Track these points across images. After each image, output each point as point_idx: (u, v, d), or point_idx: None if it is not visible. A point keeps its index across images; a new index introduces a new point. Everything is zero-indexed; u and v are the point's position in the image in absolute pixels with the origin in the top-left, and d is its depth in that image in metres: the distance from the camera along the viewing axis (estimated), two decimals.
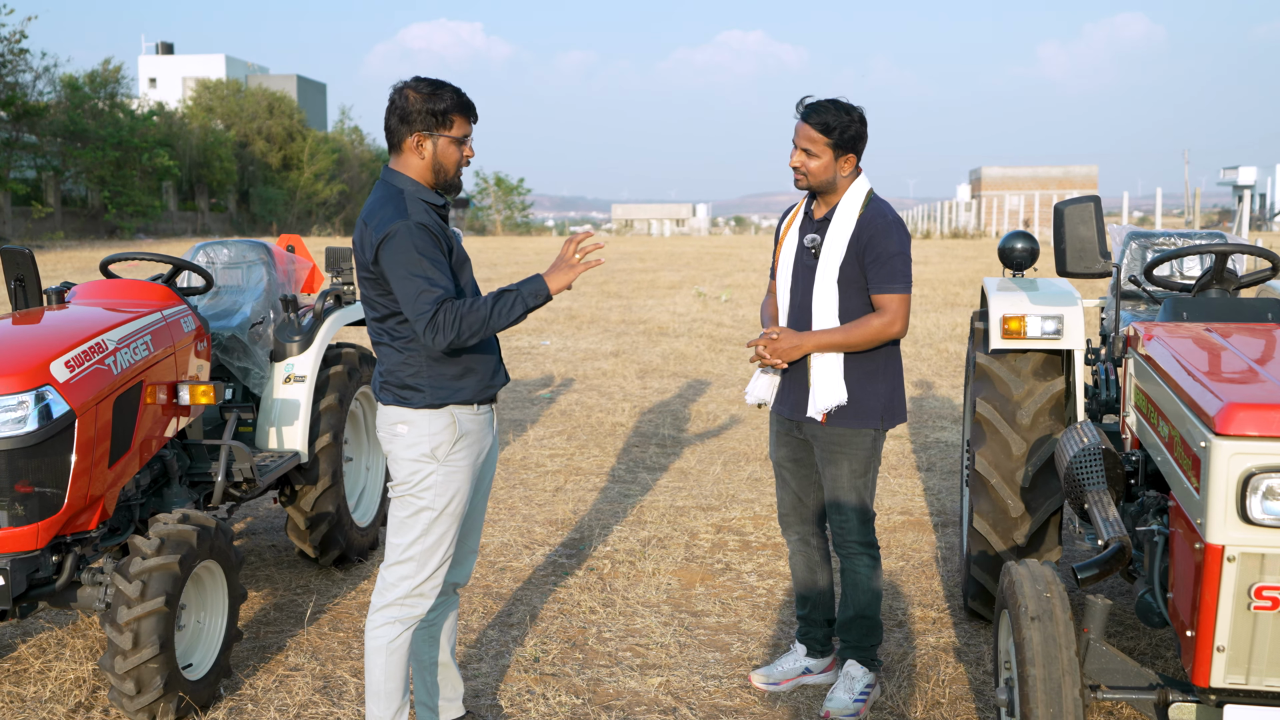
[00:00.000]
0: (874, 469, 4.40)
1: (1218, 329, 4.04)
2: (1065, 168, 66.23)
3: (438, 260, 3.56)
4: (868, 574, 4.45)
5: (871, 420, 4.32)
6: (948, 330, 15.29)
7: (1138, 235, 5.98)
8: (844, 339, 4.23)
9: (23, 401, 4.05)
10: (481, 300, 3.56)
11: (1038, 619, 3.30)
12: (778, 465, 4.61)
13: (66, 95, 47.25)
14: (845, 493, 4.37)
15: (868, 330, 4.21)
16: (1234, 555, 2.98)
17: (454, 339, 3.52)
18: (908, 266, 4.26)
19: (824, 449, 4.37)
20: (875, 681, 4.49)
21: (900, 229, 4.27)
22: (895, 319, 4.21)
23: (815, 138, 4.22)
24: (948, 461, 8.27)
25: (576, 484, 7.71)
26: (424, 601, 3.78)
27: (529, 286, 3.62)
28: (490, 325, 3.55)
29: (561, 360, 13.05)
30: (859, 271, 4.25)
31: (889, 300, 4.21)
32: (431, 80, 3.69)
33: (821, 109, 4.23)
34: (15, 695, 4.53)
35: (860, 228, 4.24)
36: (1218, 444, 2.99)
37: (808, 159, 4.26)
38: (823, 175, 4.26)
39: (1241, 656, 3.05)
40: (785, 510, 4.65)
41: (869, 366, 4.30)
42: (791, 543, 4.67)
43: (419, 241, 3.54)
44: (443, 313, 3.49)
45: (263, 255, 6.00)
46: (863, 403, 4.30)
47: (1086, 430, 4.01)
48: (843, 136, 4.21)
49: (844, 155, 4.25)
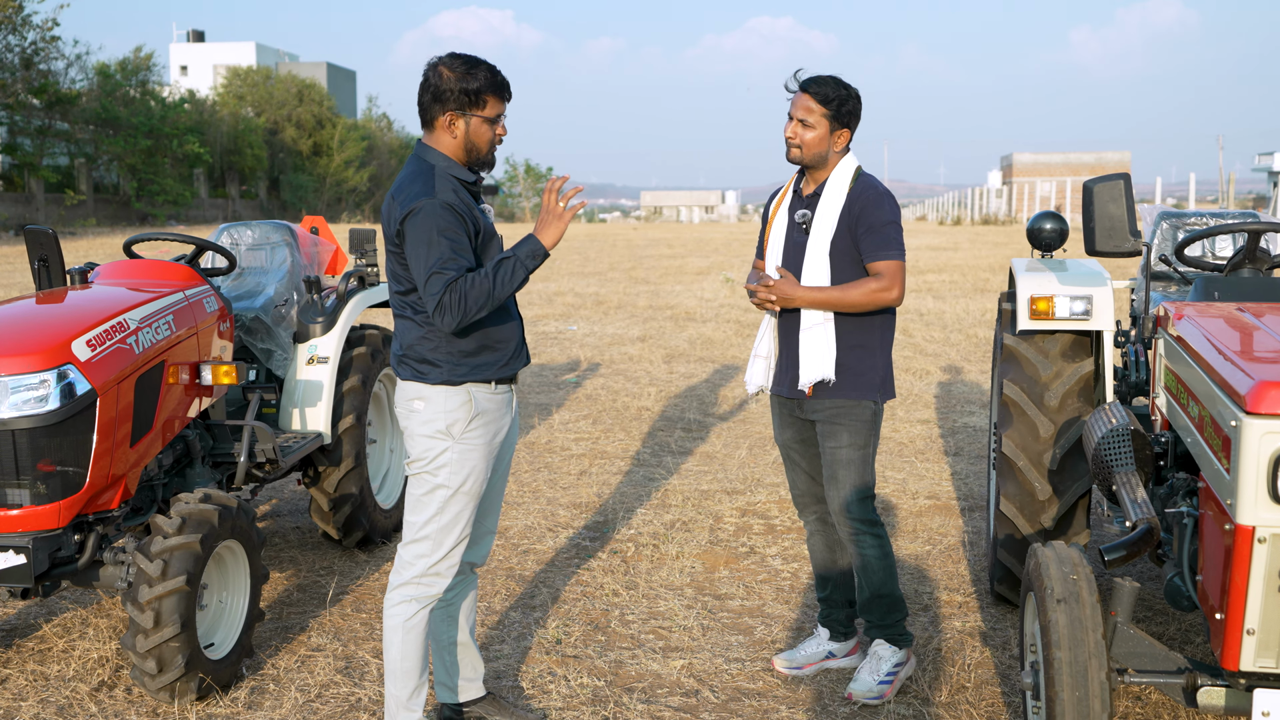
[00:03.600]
0: (873, 443, 4.37)
1: (1250, 309, 3.96)
2: (1097, 153, 65.64)
3: (458, 241, 3.53)
4: (875, 551, 4.39)
5: (870, 392, 4.30)
6: (977, 316, 15.19)
7: (1169, 215, 5.89)
8: (840, 297, 4.19)
9: (44, 380, 4.05)
10: (482, 273, 3.55)
11: (1064, 601, 3.25)
12: (784, 448, 4.57)
13: (98, 83, 47.62)
14: (843, 466, 4.32)
15: (863, 291, 4.17)
16: (1265, 536, 2.92)
17: (461, 317, 3.51)
18: (900, 235, 4.25)
19: (824, 422, 4.34)
20: (907, 659, 4.43)
21: (891, 200, 4.28)
22: (892, 284, 4.18)
23: (813, 108, 4.21)
24: (975, 446, 8.20)
25: (601, 467, 7.69)
26: (440, 581, 3.77)
27: (525, 249, 3.62)
28: (495, 296, 3.55)
29: (588, 345, 13.04)
30: (851, 243, 4.24)
31: (884, 266, 4.19)
32: (466, 58, 3.67)
33: (821, 81, 4.24)
34: (39, 674, 4.55)
35: (851, 200, 4.24)
36: (1249, 423, 2.93)
37: (803, 129, 4.24)
38: (816, 148, 4.25)
39: (1272, 640, 2.99)
40: (799, 492, 4.61)
41: (864, 338, 4.28)
42: (809, 523, 4.63)
43: (441, 221, 3.52)
44: (448, 294, 3.48)
45: (286, 237, 5.99)
46: (861, 375, 4.28)
47: (1115, 411, 3.95)
48: (840, 109, 4.22)
49: (839, 130, 4.25)
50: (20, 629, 5.01)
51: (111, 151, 47.21)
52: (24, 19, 41.55)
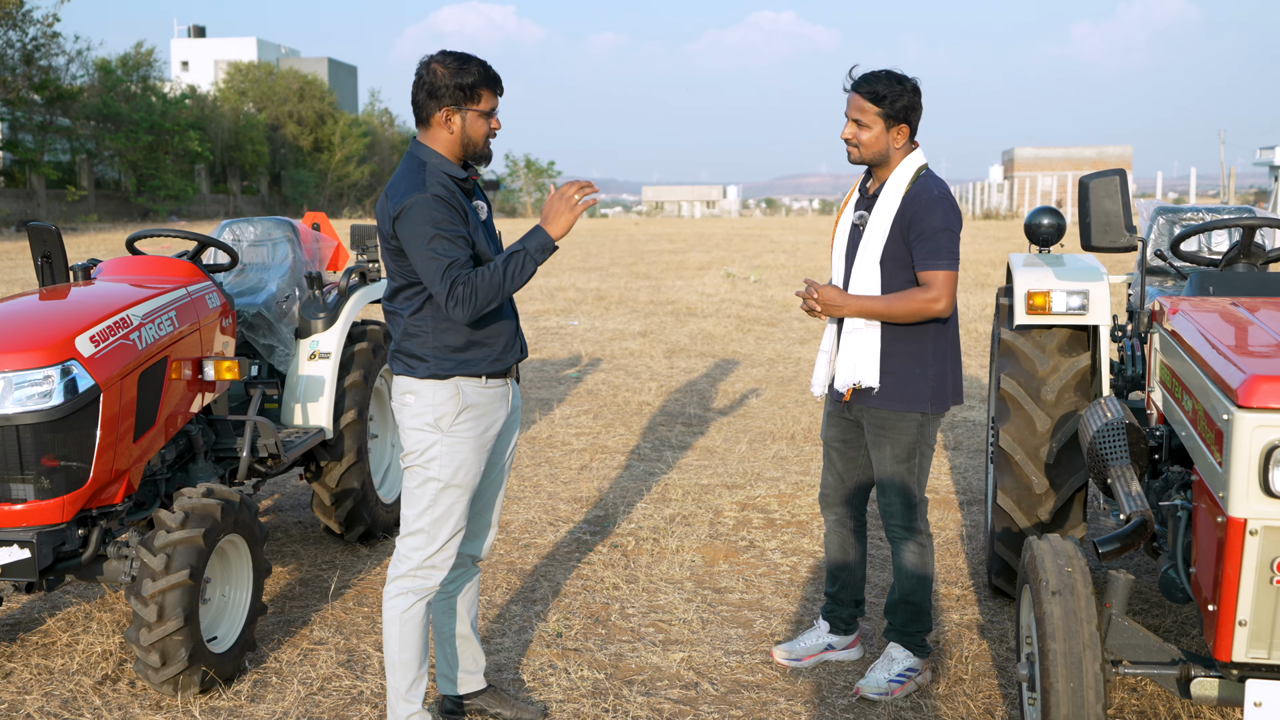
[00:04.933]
0: (921, 454, 4.29)
1: (1244, 303, 3.99)
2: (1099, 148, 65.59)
3: (454, 232, 3.58)
4: (913, 560, 4.37)
5: (918, 404, 4.21)
6: (978, 310, 15.20)
7: (1165, 210, 5.93)
8: (886, 308, 4.11)
9: (48, 376, 4.08)
10: (494, 266, 3.59)
11: (1059, 593, 3.28)
12: (826, 444, 4.56)
13: (99, 79, 47.63)
14: (888, 476, 4.30)
15: (911, 303, 4.09)
16: (1256, 529, 2.95)
17: (473, 308, 3.56)
18: (954, 243, 4.11)
19: (870, 431, 4.31)
20: (920, 669, 4.40)
21: (948, 204, 4.13)
22: (940, 296, 4.07)
23: (866, 107, 4.13)
24: (974, 441, 8.23)
25: (602, 462, 7.72)
26: (436, 573, 3.81)
27: (534, 242, 3.64)
28: (506, 288, 3.59)
29: (589, 340, 13.07)
30: (904, 249, 4.13)
31: (933, 277, 4.08)
32: (457, 54, 3.71)
33: (872, 78, 4.14)
34: (43, 667, 4.59)
35: (905, 204, 4.13)
36: (1240, 416, 2.96)
37: (859, 130, 4.16)
38: (874, 147, 4.16)
39: (1264, 631, 3.02)
40: (827, 490, 4.61)
41: (914, 348, 4.19)
42: (828, 522, 4.65)
43: (434, 214, 3.56)
44: (460, 285, 3.53)
45: (288, 233, 6.02)
46: (908, 385, 4.20)
47: (1110, 405, 3.98)
48: (894, 106, 4.10)
49: (896, 126, 4.14)
50: (24, 623, 5.05)
51: (113, 147, 47.23)
52: (25, 14, 41.57)
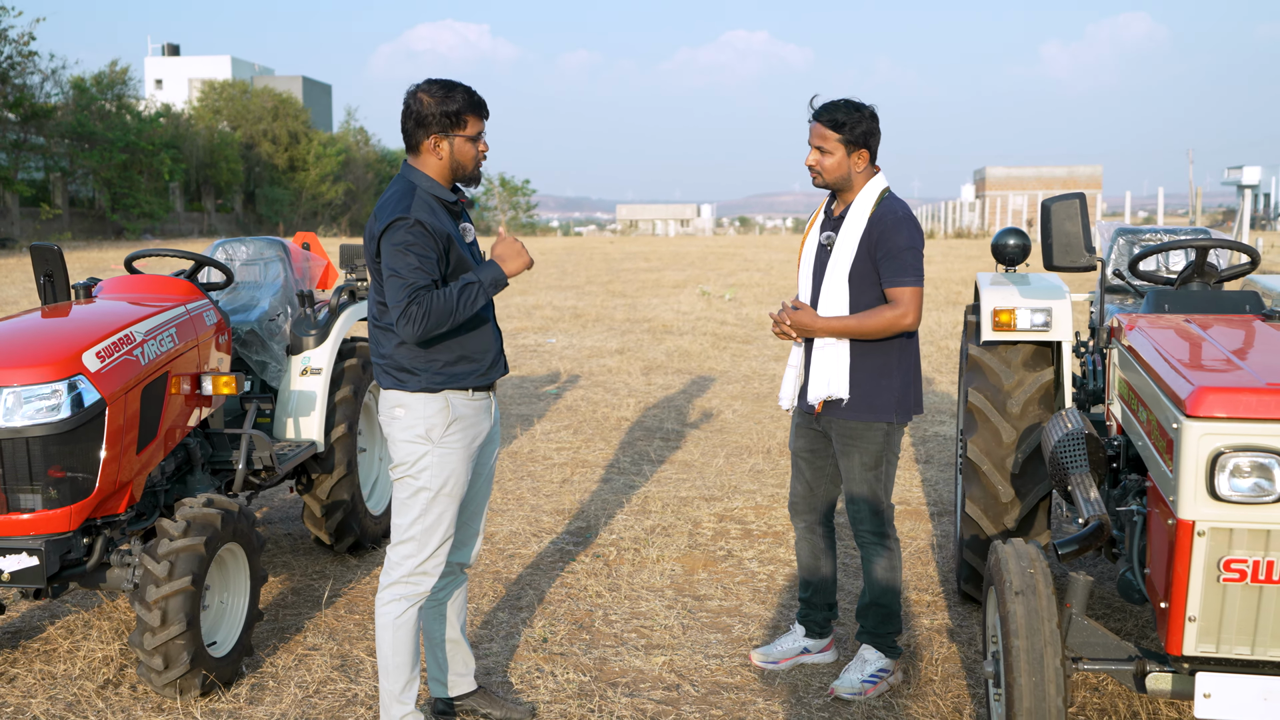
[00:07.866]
0: (887, 462, 4.52)
1: (1197, 320, 4.22)
2: (1069, 167, 66.30)
3: (425, 257, 3.73)
4: (882, 564, 4.59)
5: (884, 414, 4.45)
6: (949, 328, 15.46)
7: (1125, 231, 6.17)
8: (857, 325, 4.35)
9: (56, 390, 4.24)
10: (447, 292, 3.74)
11: (1021, 593, 3.48)
12: (795, 455, 4.78)
13: (74, 97, 47.51)
14: (857, 485, 4.52)
15: (880, 320, 4.33)
16: (1204, 530, 3.16)
17: (423, 329, 3.70)
18: (919, 260, 4.37)
19: (839, 441, 4.53)
20: (892, 669, 4.61)
21: (911, 224, 4.38)
22: (907, 311, 4.31)
23: (827, 134, 4.37)
24: (945, 454, 8.45)
25: (583, 476, 7.90)
26: (427, 580, 3.98)
27: (488, 275, 3.84)
28: (456, 316, 3.75)
29: (567, 357, 13.24)
30: (871, 268, 4.37)
31: (900, 293, 4.33)
32: (443, 82, 3.89)
33: (832, 107, 4.39)
34: (46, 673, 4.73)
35: (871, 225, 4.37)
36: (1188, 425, 3.17)
37: (822, 156, 4.40)
38: (837, 171, 4.41)
39: (1212, 626, 3.22)
40: (796, 499, 4.82)
41: (880, 361, 4.43)
42: (798, 529, 4.85)
43: (409, 238, 3.73)
44: (415, 304, 3.68)
45: (280, 252, 6.18)
46: (875, 397, 4.43)
47: (1071, 417, 4.19)
48: (853, 132, 4.35)
49: (856, 151, 4.38)
50: (26, 631, 5.19)
51: (87, 165, 47.12)
52: (0, 33, 41.52)
